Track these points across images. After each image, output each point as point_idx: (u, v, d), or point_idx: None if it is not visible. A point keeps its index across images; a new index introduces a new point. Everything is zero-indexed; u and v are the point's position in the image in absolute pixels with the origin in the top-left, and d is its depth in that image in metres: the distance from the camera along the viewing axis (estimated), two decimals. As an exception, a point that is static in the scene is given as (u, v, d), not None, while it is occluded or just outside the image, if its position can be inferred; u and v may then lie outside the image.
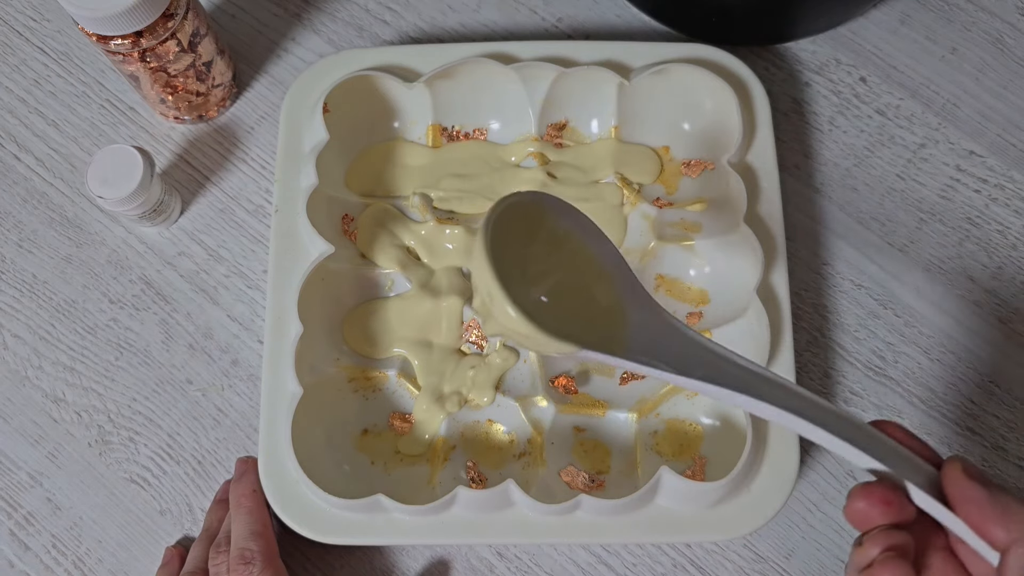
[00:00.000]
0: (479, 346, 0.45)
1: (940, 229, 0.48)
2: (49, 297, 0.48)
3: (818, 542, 0.44)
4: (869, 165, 0.50)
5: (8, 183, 0.50)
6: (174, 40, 0.43)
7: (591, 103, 0.47)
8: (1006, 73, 0.51)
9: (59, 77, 0.52)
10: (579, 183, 0.47)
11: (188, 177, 0.50)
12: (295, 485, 0.40)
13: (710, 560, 0.44)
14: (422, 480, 0.42)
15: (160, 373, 0.47)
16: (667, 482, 0.39)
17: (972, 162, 0.49)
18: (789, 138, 0.50)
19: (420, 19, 0.53)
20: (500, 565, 0.44)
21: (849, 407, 0.46)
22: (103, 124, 0.51)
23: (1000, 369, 0.46)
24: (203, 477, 0.46)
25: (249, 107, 0.51)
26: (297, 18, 0.53)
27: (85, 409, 0.46)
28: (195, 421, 0.46)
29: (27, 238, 0.49)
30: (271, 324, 0.43)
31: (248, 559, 0.39)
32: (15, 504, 0.45)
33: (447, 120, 0.48)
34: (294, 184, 0.45)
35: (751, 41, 0.51)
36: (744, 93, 0.46)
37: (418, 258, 0.47)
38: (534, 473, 0.42)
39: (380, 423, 0.44)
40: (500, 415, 0.44)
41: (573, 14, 0.53)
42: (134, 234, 0.49)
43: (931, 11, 0.52)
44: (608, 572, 0.44)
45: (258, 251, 0.49)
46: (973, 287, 0.47)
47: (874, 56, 0.51)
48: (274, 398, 0.42)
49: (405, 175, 0.48)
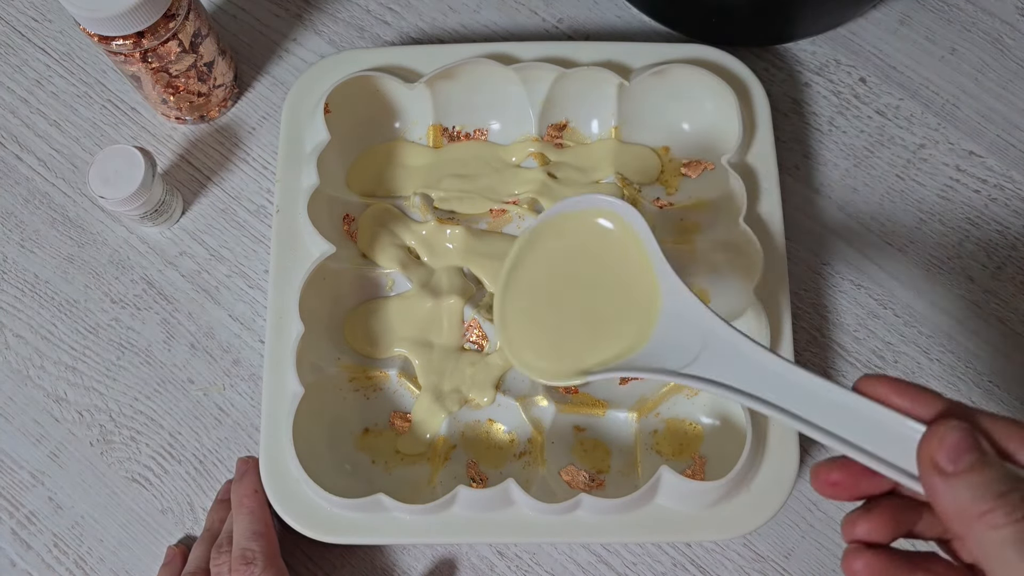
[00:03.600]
0: (479, 346, 0.45)
1: (940, 229, 0.48)
2: (51, 297, 0.48)
3: (818, 541, 0.44)
4: (869, 165, 0.50)
5: (10, 183, 0.50)
6: (175, 41, 0.44)
7: (591, 103, 0.47)
8: (1006, 73, 0.51)
9: (61, 77, 0.52)
10: (579, 183, 0.47)
11: (189, 177, 0.50)
12: (296, 484, 0.41)
13: (710, 559, 0.44)
14: (423, 479, 0.43)
15: (162, 373, 0.47)
16: (667, 481, 0.39)
17: (972, 162, 0.49)
18: (789, 138, 0.50)
19: (421, 20, 0.53)
20: (501, 564, 0.44)
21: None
22: (105, 124, 0.51)
23: (1000, 369, 0.46)
24: (204, 476, 0.46)
25: (250, 107, 0.51)
26: (298, 19, 0.53)
27: (87, 408, 0.47)
28: (196, 420, 0.46)
29: (29, 238, 0.49)
30: (272, 324, 0.43)
31: (250, 559, 0.39)
32: (17, 503, 0.45)
33: (448, 120, 0.49)
34: (295, 184, 0.45)
35: (751, 42, 0.51)
36: (744, 93, 0.46)
37: (419, 258, 0.47)
38: (534, 472, 0.42)
39: (381, 422, 0.44)
40: (500, 414, 0.44)
41: (573, 15, 0.53)
42: (136, 234, 0.49)
43: (931, 11, 0.52)
44: (608, 571, 0.44)
45: (259, 251, 0.49)
46: (973, 287, 0.47)
47: (874, 56, 0.51)
48: (275, 398, 0.42)
49: (406, 175, 0.48)
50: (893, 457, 0.26)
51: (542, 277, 0.38)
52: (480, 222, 0.47)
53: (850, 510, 0.29)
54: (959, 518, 0.24)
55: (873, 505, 0.28)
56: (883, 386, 0.27)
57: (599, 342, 0.36)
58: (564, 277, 0.38)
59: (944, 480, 0.24)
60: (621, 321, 0.36)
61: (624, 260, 0.36)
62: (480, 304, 0.45)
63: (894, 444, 0.26)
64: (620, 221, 0.36)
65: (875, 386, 0.27)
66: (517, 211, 0.47)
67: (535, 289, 0.38)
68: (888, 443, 0.26)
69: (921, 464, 0.25)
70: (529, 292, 0.38)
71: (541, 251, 0.38)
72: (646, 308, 0.35)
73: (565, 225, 0.37)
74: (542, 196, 0.47)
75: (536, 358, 0.37)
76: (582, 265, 0.37)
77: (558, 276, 0.38)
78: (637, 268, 0.36)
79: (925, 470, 0.25)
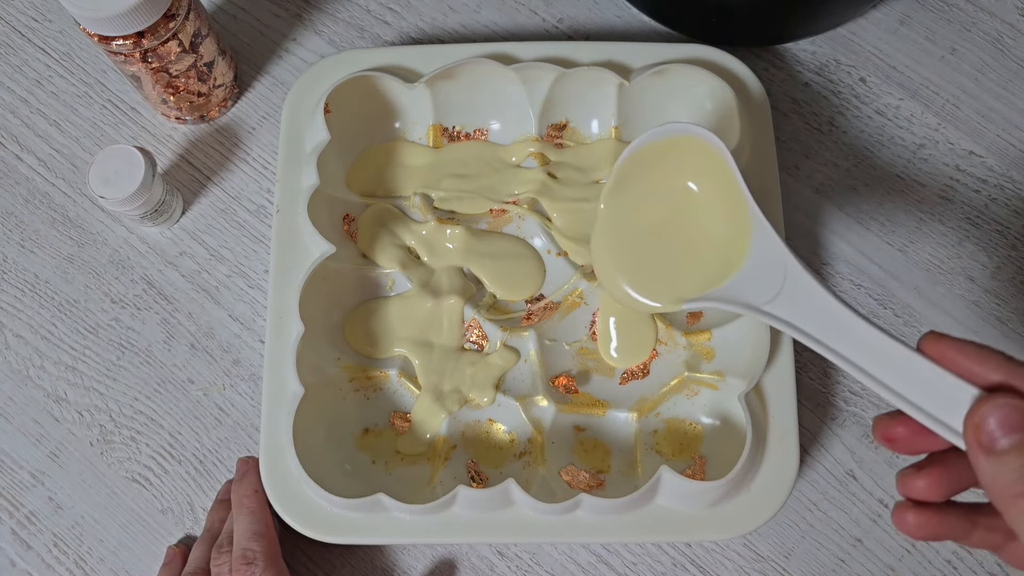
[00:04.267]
0: (479, 346, 0.45)
1: (940, 229, 0.48)
2: (51, 297, 0.48)
3: (818, 541, 0.44)
4: (869, 165, 0.50)
5: (10, 183, 0.50)
6: (175, 41, 0.44)
7: (591, 103, 0.47)
8: (1006, 73, 0.51)
9: (61, 77, 0.52)
10: (579, 183, 0.47)
11: (189, 177, 0.50)
12: (296, 484, 0.41)
13: (710, 559, 0.44)
14: (423, 479, 0.43)
15: (162, 373, 0.47)
16: (667, 481, 0.39)
17: (972, 162, 0.49)
18: (789, 138, 0.50)
19: (421, 20, 0.53)
20: (501, 564, 0.44)
21: (849, 407, 0.46)
22: (105, 124, 0.51)
23: (1000, 369, 0.46)
24: (204, 476, 0.46)
25: (250, 107, 0.51)
26: (298, 19, 0.53)
27: (87, 408, 0.47)
28: (196, 420, 0.46)
29: (29, 238, 0.49)
30: (272, 324, 0.43)
31: (250, 559, 0.39)
32: (17, 503, 0.45)
33: (448, 120, 0.49)
34: (295, 184, 0.45)
35: (751, 41, 0.51)
36: (744, 93, 0.46)
37: (419, 258, 0.47)
38: (534, 472, 0.42)
39: (381, 422, 0.44)
40: (500, 414, 0.44)
41: (573, 15, 0.53)
42: (136, 234, 0.49)
43: (931, 11, 0.52)
44: (608, 571, 0.44)
45: (259, 251, 0.49)
46: (973, 287, 0.47)
47: (874, 56, 0.51)
48: (275, 398, 0.42)
49: (406, 175, 0.48)
50: (950, 419, 0.26)
51: (637, 208, 0.40)
52: (480, 222, 0.47)
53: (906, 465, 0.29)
54: (998, 495, 0.24)
55: (930, 463, 0.28)
56: (947, 346, 0.27)
57: (693, 270, 0.37)
58: (659, 207, 0.39)
59: (986, 457, 0.24)
60: (712, 251, 0.37)
61: (714, 191, 0.38)
62: (480, 304, 0.45)
63: (951, 406, 0.26)
64: (710, 151, 0.37)
65: (939, 346, 0.27)
66: (517, 211, 0.47)
67: (631, 219, 0.40)
68: (946, 405, 0.26)
69: (967, 437, 0.25)
70: (626, 223, 0.40)
71: (633, 184, 0.39)
72: (735, 240, 0.36)
73: (654, 156, 0.39)
74: (542, 196, 0.47)
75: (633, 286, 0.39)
76: (675, 196, 0.39)
77: (652, 206, 0.39)
78: (726, 200, 0.37)
79: (970, 444, 0.25)
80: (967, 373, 0.26)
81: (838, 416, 0.46)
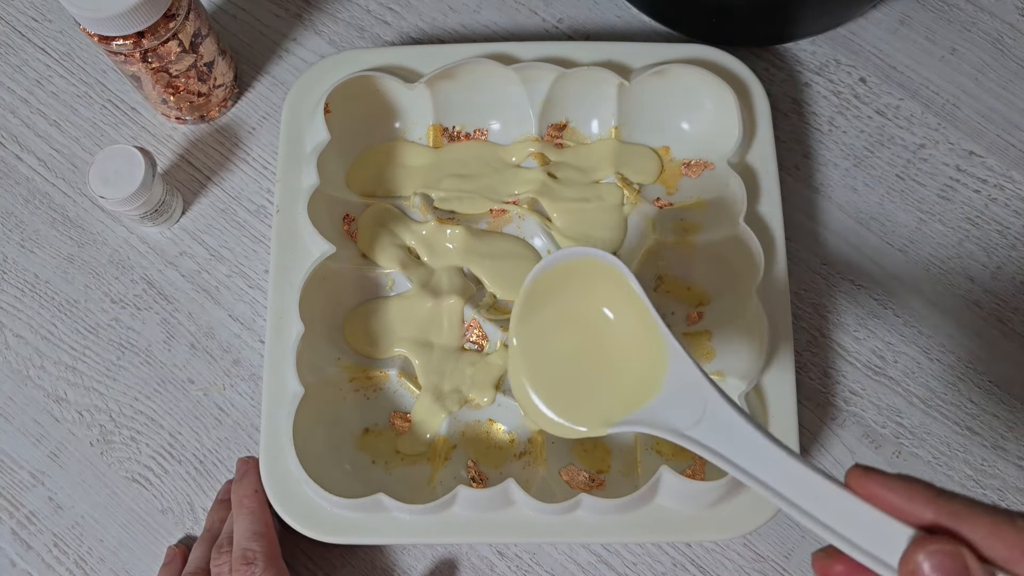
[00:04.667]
0: (479, 346, 0.45)
1: (940, 229, 0.48)
2: (51, 297, 0.48)
3: (817, 541, 0.44)
4: (869, 165, 0.50)
5: (10, 183, 0.50)
6: (175, 41, 0.44)
7: (591, 103, 0.47)
8: (1006, 73, 0.51)
9: (61, 77, 0.52)
10: (579, 183, 0.47)
11: (189, 177, 0.50)
12: (296, 485, 0.41)
13: (710, 559, 0.44)
14: (423, 479, 0.43)
15: (162, 373, 0.47)
16: (667, 481, 0.39)
17: (972, 162, 0.49)
18: (789, 138, 0.50)
19: (421, 20, 0.53)
20: (501, 564, 0.44)
21: (849, 407, 0.46)
22: (105, 124, 0.51)
23: (1000, 369, 0.46)
24: (204, 476, 0.46)
25: (250, 107, 0.51)
26: (298, 19, 0.53)
27: (87, 408, 0.47)
28: (196, 420, 0.46)
29: (29, 238, 0.49)
30: (272, 324, 0.43)
31: (250, 559, 0.39)
32: (17, 503, 0.45)
33: (448, 120, 0.49)
34: (295, 184, 0.45)
35: (751, 42, 0.51)
36: (744, 93, 0.46)
37: (419, 258, 0.47)
38: (534, 472, 0.42)
39: (381, 422, 0.44)
40: (500, 414, 0.44)
41: (573, 15, 0.53)
42: (136, 234, 0.49)
43: (931, 11, 0.52)
44: (608, 571, 0.44)
45: (259, 251, 0.49)
46: (973, 287, 0.47)
47: (874, 56, 0.51)
48: (275, 398, 0.42)
49: (406, 175, 0.48)
50: (886, 556, 0.26)
51: (550, 335, 0.38)
52: (480, 222, 0.47)
53: None
54: None
55: None
56: (873, 482, 0.26)
57: (613, 395, 0.35)
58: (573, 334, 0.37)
59: None
60: (630, 376, 0.35)
61: (628, 315, 0.36)
62: (480, 304, 0.45)
63: (886, 545, 0.26)
64: (615, 274, 0.36)
65: (866, 482, 0.26)
66: (517, 211, 0.47)
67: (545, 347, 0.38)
68: (881, 543, 0.26)
69: None
70: (540, 351, 0.38)
71: (541, 312, 0.38)
72: (654, 365, 0.34)
73: (565, 276, 0.37)
74: (542, 196, 0.47)
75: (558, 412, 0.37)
76: (589, 322, 0.37)
77: (566, 333, 0.38)
78: (641, 324, 0.35)
79: None
80: (896, 512, 0.26)
81: (838, 416, 0.46)
